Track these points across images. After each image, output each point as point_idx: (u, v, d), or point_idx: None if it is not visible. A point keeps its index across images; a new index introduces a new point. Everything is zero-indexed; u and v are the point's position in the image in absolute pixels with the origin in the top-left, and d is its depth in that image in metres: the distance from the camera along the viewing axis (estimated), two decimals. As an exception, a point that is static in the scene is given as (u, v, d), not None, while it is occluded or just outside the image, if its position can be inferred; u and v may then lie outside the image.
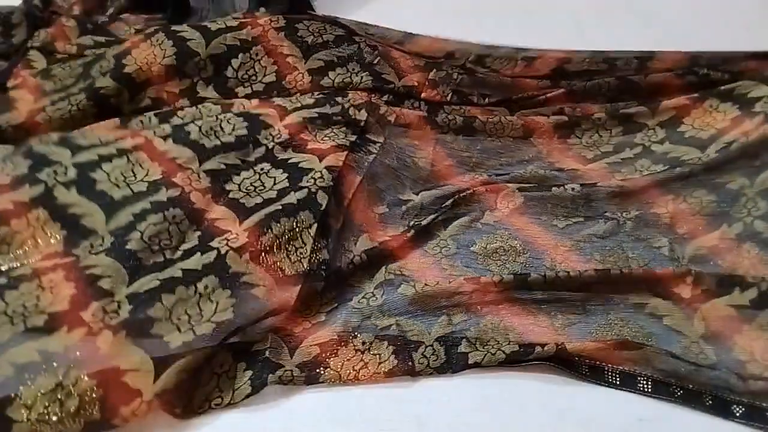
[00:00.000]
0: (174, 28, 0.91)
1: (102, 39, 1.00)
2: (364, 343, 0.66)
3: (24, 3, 1.04)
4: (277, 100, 0.87)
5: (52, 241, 0.69)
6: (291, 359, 0.64)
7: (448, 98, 0.93)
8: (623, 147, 0.88)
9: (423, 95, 0.93)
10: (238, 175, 0.77)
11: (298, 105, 0.85)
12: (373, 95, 0.91)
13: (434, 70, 0.94)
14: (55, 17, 1.03)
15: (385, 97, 0.91)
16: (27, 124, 0.85)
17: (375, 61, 0.94)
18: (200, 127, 0.81)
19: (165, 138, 0.79)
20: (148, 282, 0.65)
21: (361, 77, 0.93)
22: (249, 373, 0.63)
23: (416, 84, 0.94)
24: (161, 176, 0.75)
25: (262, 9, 0.95)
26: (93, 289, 0.64)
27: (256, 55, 0.92)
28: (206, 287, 0.65)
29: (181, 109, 0.87)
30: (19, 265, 0.67)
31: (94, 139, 0.82)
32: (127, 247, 0.68)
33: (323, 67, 0.93)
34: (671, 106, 0.90)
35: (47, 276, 0.65)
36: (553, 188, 0.81)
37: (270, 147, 0.80)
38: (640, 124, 0.90)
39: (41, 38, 0.99)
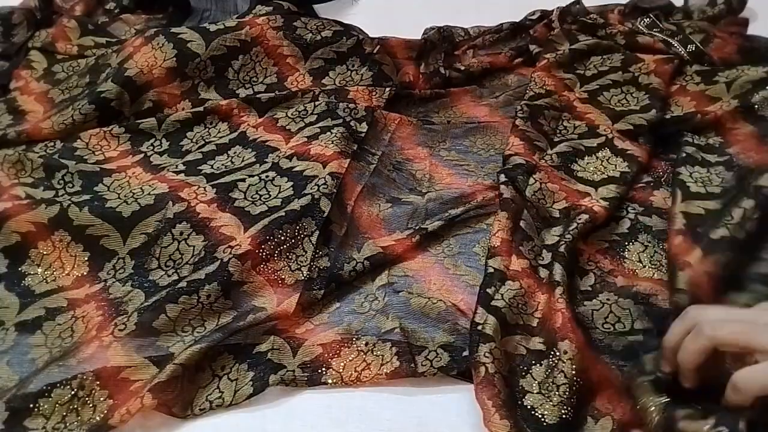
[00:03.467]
0: (174, 30, 0.90)
1: (103, 40, 1.00)
2: (367, 344, 0.65)
3: (24, 3, 1.04)
4: (281, 120, 0.87)
5: (79, 263, 0.71)
6: (293, 359, 0.64)
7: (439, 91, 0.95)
8: None
9: (417, 89, 0.94)
10: (243, 182, 0.77)
11: (302, 125, 0.85)
12: (374, 92, 0.91)
13: (423, 64, 0.96)
14: (55, 17, 1.03)
15: (386, 93, 0.91)
16: (30, 130, 0.86)
17: (375, 51, 0.94)
18: (212, 165, 0.82)
19: (178, 173, 0.81)
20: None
21: (362, 75, 0.94)
22: (251, 374, 0.63)
23: (411, 79, 0.95)
24: (168, 190, 0.76)
25: (259, 6, 0.95)
26: (116, 312, 0.67)
27: (256, 56, 0.92)
28: (208, 296, 0.66)
29: (190, 129, 0.88)
30: (50, 288, 0.70)
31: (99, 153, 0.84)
32: (150, 278, 0.70)
33: (323, 67, 0.94)
34: None
35: (81, 308, 0.68)
36: None
37: (276, 162, 0.80)
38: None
39: (42, 38, 1.00)
